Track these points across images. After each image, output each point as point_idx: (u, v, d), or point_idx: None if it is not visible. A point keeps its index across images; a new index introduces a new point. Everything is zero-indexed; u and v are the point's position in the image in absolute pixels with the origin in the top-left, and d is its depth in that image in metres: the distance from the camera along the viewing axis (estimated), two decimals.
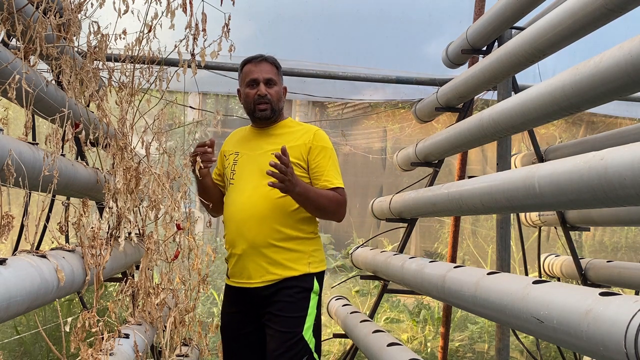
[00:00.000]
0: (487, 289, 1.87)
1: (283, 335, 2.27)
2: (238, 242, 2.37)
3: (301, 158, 2.37)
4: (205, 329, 3.11)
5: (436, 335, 5.08)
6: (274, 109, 2.42)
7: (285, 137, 2.43)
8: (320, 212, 2.37)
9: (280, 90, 2.46)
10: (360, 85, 4.93)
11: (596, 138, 3.50)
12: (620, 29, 2.95)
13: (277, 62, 2.49)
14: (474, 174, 4.39)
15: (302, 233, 2.38)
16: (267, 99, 2.40)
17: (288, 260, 2.33)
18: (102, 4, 2.33)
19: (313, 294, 2.35)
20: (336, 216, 2.41)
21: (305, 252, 2.37)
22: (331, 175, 2.37)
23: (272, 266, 2.32)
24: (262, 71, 2.42)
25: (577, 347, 1.42)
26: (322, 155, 2.38)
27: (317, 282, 2.38)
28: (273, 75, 2.43)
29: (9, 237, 1.59)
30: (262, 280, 2.33)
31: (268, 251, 2.32)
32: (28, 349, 4.43)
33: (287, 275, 2.32)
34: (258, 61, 2.44)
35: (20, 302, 1.40)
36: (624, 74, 1.75)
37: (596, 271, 3.63)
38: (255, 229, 2.32)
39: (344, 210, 2.42)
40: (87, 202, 2.08)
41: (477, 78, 3.18)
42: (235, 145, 2.54)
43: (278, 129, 2.48)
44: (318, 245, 2.45)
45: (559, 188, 1.75)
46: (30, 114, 1.83)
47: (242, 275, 2.38)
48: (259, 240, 2.32)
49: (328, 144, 2.43)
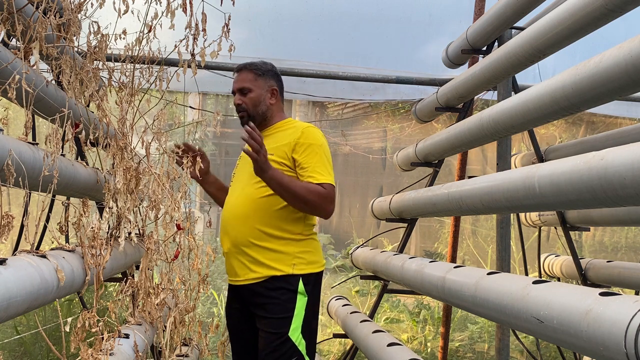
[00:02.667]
0: (487, 289, 1.87)
1: (270, 336, 2.31)
2: (224, 241, 2.47)
3: (285, 157, 2.36)
4: (205, 329, 3.11)
5: (436, 335, 5.08)
6: (251, 114, 2.47)
7: (275, 137, 2.45)
8: (302, 203, 2.30)
9: (257, 96, 2.47)
10: (360, 85, 4.92)
11: (596, 138, 3.50)
12: (620, 29, 2.95)
13: (257, 66, 2.50)
14: (474, 174, 4.39)
15: (287, 234, 2.36)
16: (242, 107, 2.48)
17: (270, 260, 2.34)
18: (102, 4, 2.33)
19: (300, 295, 2.33)
20: (320, 210, 2.34)
21: (289, 254, 2.35)
22: (316, 171, 2.32)
23: (255, 265, 2.36)
24: (237, 81, 2.51)
25: (577, 347, 1.42)
26: (308, 152, 2.35)
27: (302, 283, 2.34)
28: (246, 83, 2.47)
29: (9, 237, 1.59)
30: (246, 278, 2.38)
31: (249, 250, 2.37)
32: (28, 349, 4.43)
33: (271, 274, 2.34)
34: (237, 71, 2.54)
35: (20, 302, 1.40)
36: (624, 74, 1.75)
37: (596, 271, 3.63)
38: (237, 228, 2.40)
39: (330, 206, 2.33)
40: (87, 202, 2.08)
41: (477, 78, 3.18)
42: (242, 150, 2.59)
43: (271, 130, 2.50)
44: (308, 247, 2.40)
45: (559, 188, 1.75)
46: (30, 114, 1.83)
47: (231, 272, 2.47)
48: (240, 239, 2.38)
49: (316, 140, 2.38)
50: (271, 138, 2.44)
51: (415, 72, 4.56)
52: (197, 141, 5.08)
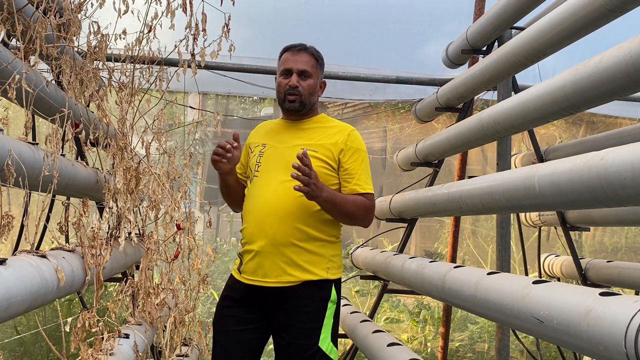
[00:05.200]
0: (487, 289, 1.87)
1: (300, 347, 2.16)
2: (257, 238, 2.21)
3: (332, 157, 2.25)
4: (205, 329, 3.11)
5: (436, 335, 5.08)
6: (304, 102, 2.29)
7: (316, 133, 2.31)
8: (347, 218, 2.25)
9: (314, 84, 2.32)
10: (360, 85, 4.92)
11: (596, 138, 3.50)
12: (620, 29, 2.95)
13: (319, 54, 2.35)
14: (474, 174, 4.39)
15: (324, 235, 2.25)
16: (298, 91, 2.27)
17: (306, 262, 2.19)
18: (102, 4, 2.33)
19: (330, 303, 2.22)
20: (363, 222, 2.30)
21: (324, 256, 2.23)
22: (362, 179, 2.25)
23: (290, 267, 2.18)
24: (297, 61, 2.29)
25: (577, 347, 1.42)
26: (355, 158, 2.26)
27: (334, 290, 2.25)
28: (309, 68, 2.29)
29: (9, 237, 1.59)
30: (278, 280, 2.19)
31: (287, 250, 2.18)
32: (28, 349, 4.43)
33: (305, 278, 2.18)
34: (297, 50, 2.32)
35: (20, 302, 1.40)
36: (624, 74, 1.75)
37: (596, 271, 3.63)
38: (276, 225, 2.19)
39: (372, 217, 2.31)
40: (87, 202, 2.08)
41: (477, 78, 3.18)
42: (262, 137, 2.38)
43: (310, 124, 2.35)
44: (338, 251, 2.31)
45: (559, 188, 1.75)
46: (30, 114, 1.83)
47: (257, 272, 2.22)
48: (280, 238, 2.18)
49: (362, 146, 2.31)
50: (313, 132, 2.31)
51: (415, 72, 4.56)
52: (197, 141, 5.08)
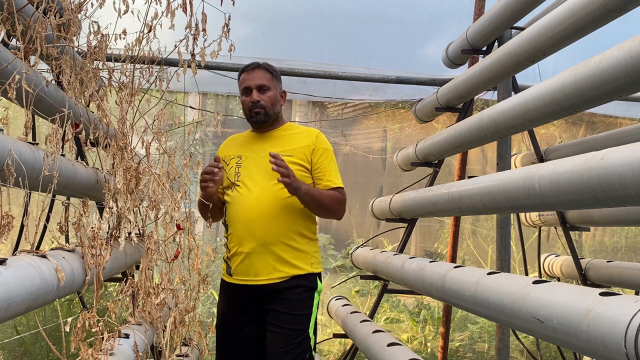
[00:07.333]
0: (487, 289, 1.87)
1: (290, 333, 2.36)
2: (246, 241, 2.41)
3: (305, 159, 2.46)
4: (205, 329, 3.11)
5: (436, 335, 5.08)
6: (268, 112, 2.48)
7: (287, 139, 2.51)
8: (325, 211, 2.47)
9: (274, 95, 2.51)
10: (360, 85, 4.93)
11: (596, 138, 3.50)
12: (620, 29, 2.95)
13: (273, 68, 2.56)
14: (474, 174, 4.39)
15: (310, 233, 2.49)
16: (260, 105, 2.47)
17: (294, 258, 2.41)
18: (102, 4, 2.33)
19: (316, 294, 2.46)
20: (337, 214, 2.52)
21: (308, 253, 2.46)
22: (333, 175, 2.48)
23: (280, 264, 2.39)
24: (254, 78, 2.49)
25: (577, 347, 1.42)
26: (325, 157, 2.49)
27: (319, 282, 2.49)
28: (266, 81, 2.49)
29: (9, 237, 1.59)
30: (269, 277, 2.39)
31: (277, 249, 2.39)
32: (28, 349, 4.43)
33: (294, 273, 2.40)
34: (251, 69, 2.52)
35: (20, 302, 1.40)
36: (624, 74, 1.75)
37: (596, 271, 3.63)
38: (265, 227, 2.38)
39: (344, 209, 2.53)
40: (87, 202, 2.08)
41: (477, 78, 3.18)
42: (236, 150, 2.57)
43: (280, 132, 2.55)
44: (317, 247, 2.55)
45: (559, 188, 1.75)
46: (30, 114, 1.83)
47: (249, 273, 2.42)
48: (270, 238, 2.38)
49: (329, 146, 2.55)
50: (284, 139, 2.51)
51: (415, 72, 4.56)
52: (197, 141, 5.08)
